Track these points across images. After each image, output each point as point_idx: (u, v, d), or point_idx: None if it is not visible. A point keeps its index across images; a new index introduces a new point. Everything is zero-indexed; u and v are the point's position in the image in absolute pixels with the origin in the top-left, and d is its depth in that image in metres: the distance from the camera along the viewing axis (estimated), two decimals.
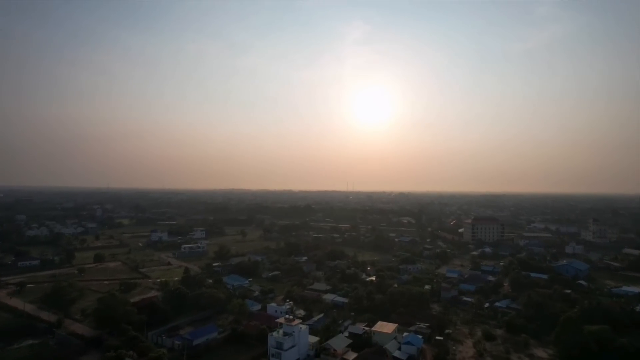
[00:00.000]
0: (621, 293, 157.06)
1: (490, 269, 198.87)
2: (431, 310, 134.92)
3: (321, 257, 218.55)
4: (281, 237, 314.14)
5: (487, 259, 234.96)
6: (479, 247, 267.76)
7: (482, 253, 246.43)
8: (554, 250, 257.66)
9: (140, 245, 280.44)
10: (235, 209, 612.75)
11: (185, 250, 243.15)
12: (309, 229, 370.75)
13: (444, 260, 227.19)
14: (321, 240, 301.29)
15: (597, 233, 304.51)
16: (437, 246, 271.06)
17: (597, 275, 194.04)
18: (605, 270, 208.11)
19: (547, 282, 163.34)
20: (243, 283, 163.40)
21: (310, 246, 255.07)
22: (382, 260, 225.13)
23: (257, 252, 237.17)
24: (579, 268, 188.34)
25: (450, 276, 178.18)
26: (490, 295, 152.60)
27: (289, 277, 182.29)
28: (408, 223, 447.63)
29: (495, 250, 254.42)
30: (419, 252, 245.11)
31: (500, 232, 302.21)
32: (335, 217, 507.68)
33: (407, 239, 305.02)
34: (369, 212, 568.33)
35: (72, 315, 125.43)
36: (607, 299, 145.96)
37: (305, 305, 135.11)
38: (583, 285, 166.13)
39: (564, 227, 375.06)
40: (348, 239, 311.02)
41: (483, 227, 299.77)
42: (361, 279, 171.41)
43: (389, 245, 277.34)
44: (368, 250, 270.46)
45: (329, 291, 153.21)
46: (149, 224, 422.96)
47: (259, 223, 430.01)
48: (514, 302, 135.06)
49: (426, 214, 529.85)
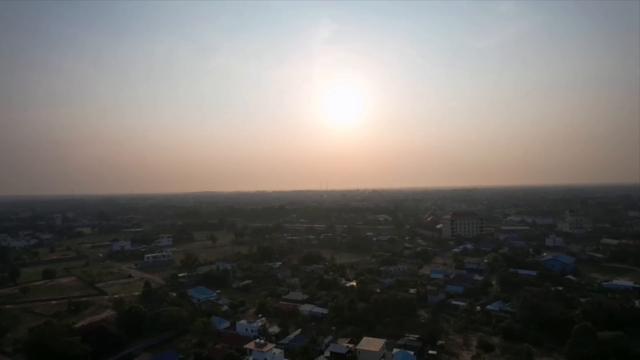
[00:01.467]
0: (613, 287, 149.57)
1: (475, 267, 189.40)
2: (419, 317, 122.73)
3: (297, 261, 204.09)
4: (254, 241, 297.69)
5: (469, 255, 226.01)
6: (459, 243, 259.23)
7: (463, 250, 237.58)
8: (534, 244, 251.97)
9: (100, 256, 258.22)
10: (206, 213, 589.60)
11: (148, 260, 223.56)
12: (283, 231, 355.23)
13: (425, 260, 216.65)
14: (296, 243, 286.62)
15: (574, 224, 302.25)
16: (417, 244, 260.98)
17: (581, 268, 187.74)
18: (588, 262, 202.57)
19: (536, 279, 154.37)
20: (210, 296, 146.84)
21: (285, 250, 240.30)
22: (361, 262, 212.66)
23: (228, 259, 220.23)
24: (565, 262, 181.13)
25: (435, 277, 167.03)
26: (479, 296, 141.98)
27: (262, 286, 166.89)
28: (384, 221, 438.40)
29: (477, 246, 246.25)
30: (399, 252, 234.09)
31: (479, 227, 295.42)
32: (310, 217, 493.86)
33: (385, 237, 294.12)
34: (344, 210, 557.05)
35: (3, 348, 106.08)
36: (600, 295, 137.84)
37: (280, 319, 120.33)
38: (572, 280, 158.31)
39: (539, 219, 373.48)
40: (324, 240, 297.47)
41: (462, 223, 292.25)
42: (341, 285, 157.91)
43: (367, 245, 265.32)
44: (346, 251, 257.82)
45: (306, 301, 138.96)
46: (114, 232, 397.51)
47: (231, 227, 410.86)
48: (507, 304, 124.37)
49: (402, 211, 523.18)
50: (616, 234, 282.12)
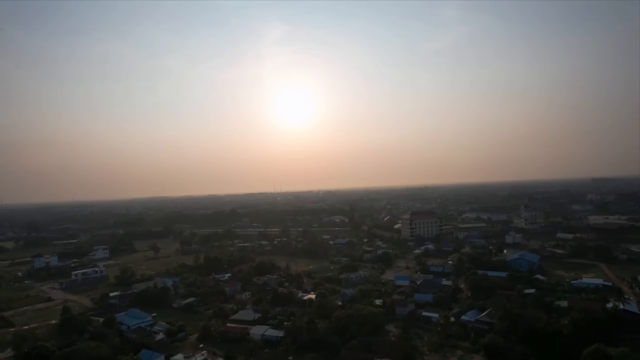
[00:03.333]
0: (582, 286, 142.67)
1: (440, 270, 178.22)
2: (389, 334, 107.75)
3: (248, 272, 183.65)
4: (201, 250, 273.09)
5: (431, 257, 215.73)
6: (420, 244, 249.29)
7: (425, 251, 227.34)
8: (494, 241, 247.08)
9: (19, 275, 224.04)
10: (152, 220, 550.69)
11: (77, 277, 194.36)
12: (234, 238, 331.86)
13: (387, 264, 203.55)
14: (248, 250, 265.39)
15: (529, 219, 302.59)
16: (376, 247, 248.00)
17: (545, 265, 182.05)
18: (550, 258, 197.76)
19: (507, 281, 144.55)
20: (144, 321, 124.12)
21: (235, 259, 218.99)
22: (319, 269, 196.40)
23: (170, 273, 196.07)
24: (531, 260, 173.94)
25: (400, 284, 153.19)
26: (450, 304, 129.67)
27: (207, 303, 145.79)
28: (341, 222, 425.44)
29: (438, 246, 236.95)
30: (359, 256, 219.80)
31: (439, 226, 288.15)
32: (264, 221, 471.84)
33: (343, 240, 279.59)
34: (298, 213, 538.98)
35: None
36: (574, 295, 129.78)
37: (227, 348, 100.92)
38: (542, 280, 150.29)
39: (494, 216, 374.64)
40: (278, 245, 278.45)
41: (421, 222, 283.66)
42: (297, 299, 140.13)
43: (324, 249, 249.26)
44: (302, 257, 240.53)
45: (258, 321, 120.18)
46: (43, 245, 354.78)
47: (178, 234, 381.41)
48: (484, 313, 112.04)
49: (358, 211, 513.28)
50: (569, 228, 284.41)
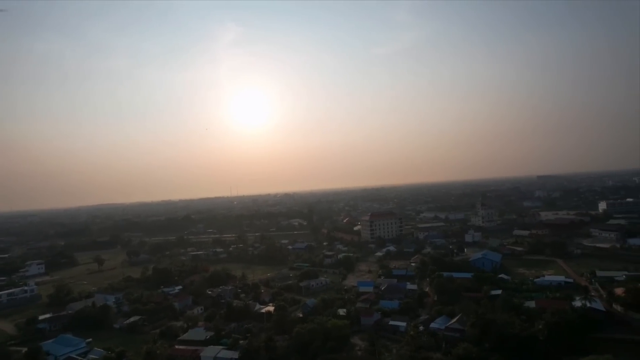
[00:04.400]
0: (545, 284, 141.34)
1: (404, 273, 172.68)
2: (355, 348, 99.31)
3: (200, 283, 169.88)
4: (151, 261, 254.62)
5: (393, 259, 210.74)
6: (381, 246, 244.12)
7: (387, 253, 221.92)
8: (454, 240, 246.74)
9: None
10: (98, 229, 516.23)
11: (2, 299, 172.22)
12: (188, 246, 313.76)
13: (348, 268, 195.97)
14: (201, 259, 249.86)
15: (486, 217, 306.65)
16: (337, 250, 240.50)
17: (506, 264, 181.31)
18: (510, 256, 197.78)
19: (472, 282, 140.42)
20: (77, 348, 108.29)
21: (187, 270, 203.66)
22: (278, 277, 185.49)
23: (113, 288, 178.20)
24: (494, 259, 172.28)
25: (364, 290, 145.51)
26: (417, 310, 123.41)
27: (154, 322, 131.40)
28: (299, 225, 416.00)
29: (399, 248, 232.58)
30: (319, 261, 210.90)
31: (399, 226, 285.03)
32: (219, 226, 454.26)
33: (302, 245, 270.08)
34: (255, 217, 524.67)
35: None
36: (540, 295, 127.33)
37: None
38: (506, 280, 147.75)
39: (452, 215, 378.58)
40: (234, 253, 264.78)
41: (382, 223, 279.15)
42: (254, 312, 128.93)
43: (282, 255, 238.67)
44: (259, 264, 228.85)
45: (211, 341, 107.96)
46: None
47: (126, 244, 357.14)
48: (454, 320, 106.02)
49: (316, 214, 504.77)
50: (524, 225, 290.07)
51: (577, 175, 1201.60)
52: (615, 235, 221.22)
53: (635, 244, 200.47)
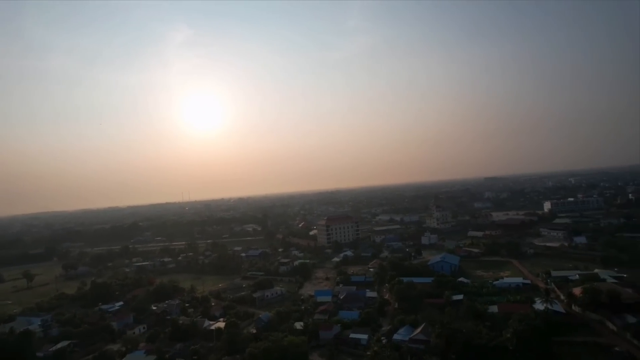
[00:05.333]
0: (504, 286, 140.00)
1: (362, 280, 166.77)
2: None
3: (144, 298, 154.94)
4: (90, 274, 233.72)
5: (351, 264, 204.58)
6: (338, 251, 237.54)
7: (344, 258, 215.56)
8: (411, 243, 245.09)
9: None
10: (33, 240, 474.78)
11: None
12: (133, 256, 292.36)
13: (305, 275, 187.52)
14: (147, 270, 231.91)
15: (441, 219, 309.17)
16: (293, 257, 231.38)
17: (464, 266, 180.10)
18: (467, 258, 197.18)
19: (433, 287, 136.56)
20: None
21: (129, 283, 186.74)
22: (230, 288, 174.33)
23: (42, 307, 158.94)
24: (452, 263, 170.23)
25: (322, 300, 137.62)
26: (378, 320, 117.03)
27: (87, 346, 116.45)
28: (253, 231, 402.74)
29: (357, 252, 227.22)
30: (274, 269, 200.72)
31: (356, 230, 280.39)
32: (169, 234, 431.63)
33: (256, 252, 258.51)
34: (208, 223, 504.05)
35: None
36: (501, 298, 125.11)
37: None
38: (466, 283, 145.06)
39: (407, 217, 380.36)
40: (183, 262, 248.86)
41: (338, 228, 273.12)
42: (203, 330, 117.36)
43: (235, 264, 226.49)
44: (210, 274, 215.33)
45: None
46: None
47: (63, 255, 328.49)
48: (417, 330, 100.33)
49: (271, 219, 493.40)
50: (477, 226, 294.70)
51: (521, 176, 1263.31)
52: (562, 234, 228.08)
53: (580, 242, 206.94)
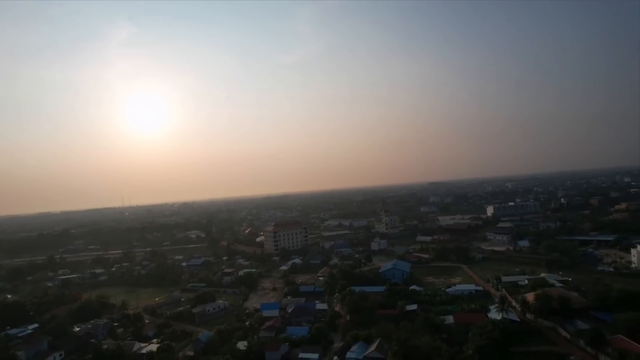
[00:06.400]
0: (457, 293, 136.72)
1: (311, 289, 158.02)
2: None
3: (65, 318, 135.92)
4: (4, 291, 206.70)
5: (300, 272, 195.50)
6: (286, 258, 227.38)
7: (292, 266, 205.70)
8: (360, 249, 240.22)
9: None
10: None
11: None
12: (60, 267, 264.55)
13: (251, 286, 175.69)
14: (73, 284, 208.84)
15: (389, 224, 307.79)
16: (238, 266, 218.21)
17: (415, 272, 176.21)
18: (417, 264, 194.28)
19: (385, 296, 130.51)
20: None
21: (50, 301, 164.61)
22: (167, 302, 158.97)
23: None
24: (404, 270, 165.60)
25: (268, 315, 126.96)
26: (329, 335, 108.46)
27: None
28: (197, 238, 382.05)
29: (305, 260, 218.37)
30: (217, 280, 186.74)
31: (304, 236, 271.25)
32: (105, 241, 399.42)
33: (198, 261, 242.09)
34: (148, 229, 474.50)
35: None
36: (455, 307, 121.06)
37: None
38: (419, 291, 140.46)
39: (355, 222, 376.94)
40: (117, 273, 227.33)
41: (286, 234, 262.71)
42: (131, 355, 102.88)
43: (175, 274, 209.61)
44: (147, 286, 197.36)
45: None
46: None
47: None
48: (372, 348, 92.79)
49: (216, 225, 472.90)
50: (425, 230, 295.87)
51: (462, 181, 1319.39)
52: (507, 238, 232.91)
53: (524, 245, 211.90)
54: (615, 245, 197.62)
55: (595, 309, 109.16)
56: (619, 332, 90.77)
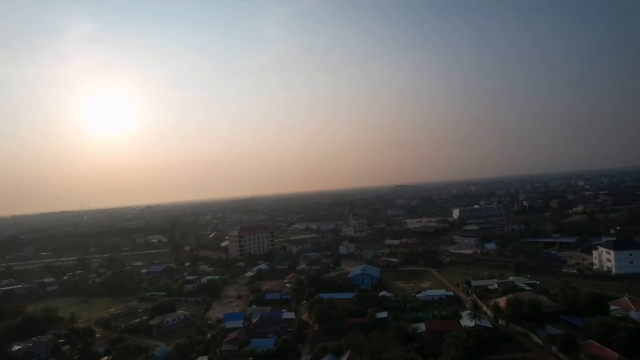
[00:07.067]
0: (428, 299, 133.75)
1: (278, 297, 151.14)
2: None
3: (4, 335, 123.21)
4: None
5: (266, 279, 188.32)
6: (251, 264, 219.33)
7: (258, 272, 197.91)
8: (328, 253, 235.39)
9: None
10: None
11: None
12: (5, 277, 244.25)
13: (214, 294, 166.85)
14: (17, 295, 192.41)
15: (357, 227, 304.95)
16: (201, 273, 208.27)
17: (384, 277, 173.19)
18: (386, 268, 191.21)
19: (355, 304, 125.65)
20: None
21: None
22: (123, 314, 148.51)
23: None
24: (373, 275, 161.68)
25: (232, 326, 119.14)
26: (297, 347, 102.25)
27: None
28: (159, 243, 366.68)
29: (272, 265, 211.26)
30: (178, 288, 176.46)
31: (271, 241, 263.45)
32: (58, 248, 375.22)
33: (159, 268, 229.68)
34: (107, 234, 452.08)
35: None
36: (426, 314, 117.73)
37: None
38: (389, 297, 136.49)
39: (323, 225, 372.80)
40: (69, 282, 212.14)
41: (252, 238, 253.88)
42: None
43: (134, 282, 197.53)
44: (102, 296, 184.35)
45: None
46: None
47: None
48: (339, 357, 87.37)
49: (180, 229, 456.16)
50: (393, 233, 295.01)
51: (427, 184, 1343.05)
52: (474, 241, 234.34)
53: (491, 248, 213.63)
54: (577, 247, 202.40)
55: (565, 313, 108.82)
56: (590, 337, 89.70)
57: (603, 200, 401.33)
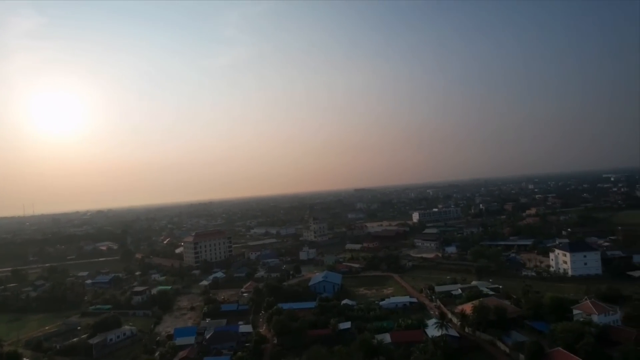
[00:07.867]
0: (392, 307, 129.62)
1: (234, 308, 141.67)
2: None
3: None
4: None
5: (222, 288, 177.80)
6: (207, 272, 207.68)
7: (214, 281, 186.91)
8: (289, 259, 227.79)
9: None
10: None
11: None
12: None
13: (165, 306, 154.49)
14: None
15: (318, 232, 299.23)
16: (152, 282, 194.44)
17: (346, 284, 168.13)
18: (348, 274, 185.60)
19: (317, 314, 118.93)
20: None
21: None
22: (59, 332, 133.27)
23: None
24: (335, 282, 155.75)
25: (183, 343, 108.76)
26: None
27: None
28: (109, 250, 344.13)
29: (229, 273, 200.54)
30: (126, 300, 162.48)
31: (228, 247, 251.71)
32: None
33: (106, 278, 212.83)
34: (50, 241, 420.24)
35: None
36: (390, 323, 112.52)
37: None
38: (351, 306, 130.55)
39: (283, 230, 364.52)
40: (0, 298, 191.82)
41: (208, 244, 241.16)
42: None
43: (76, 295, 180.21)
44: (38, 312, 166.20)
45: None
46: None
47: None
48: None
49: (133, 235, 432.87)
50: (354, 238, 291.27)
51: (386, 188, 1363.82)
52: (435, 245, 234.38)
53: (452, 252, 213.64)
54: (533, 249, 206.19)
55: (529, 319, 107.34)
56: (556, 344, 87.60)
57: (552, 202, 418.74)
